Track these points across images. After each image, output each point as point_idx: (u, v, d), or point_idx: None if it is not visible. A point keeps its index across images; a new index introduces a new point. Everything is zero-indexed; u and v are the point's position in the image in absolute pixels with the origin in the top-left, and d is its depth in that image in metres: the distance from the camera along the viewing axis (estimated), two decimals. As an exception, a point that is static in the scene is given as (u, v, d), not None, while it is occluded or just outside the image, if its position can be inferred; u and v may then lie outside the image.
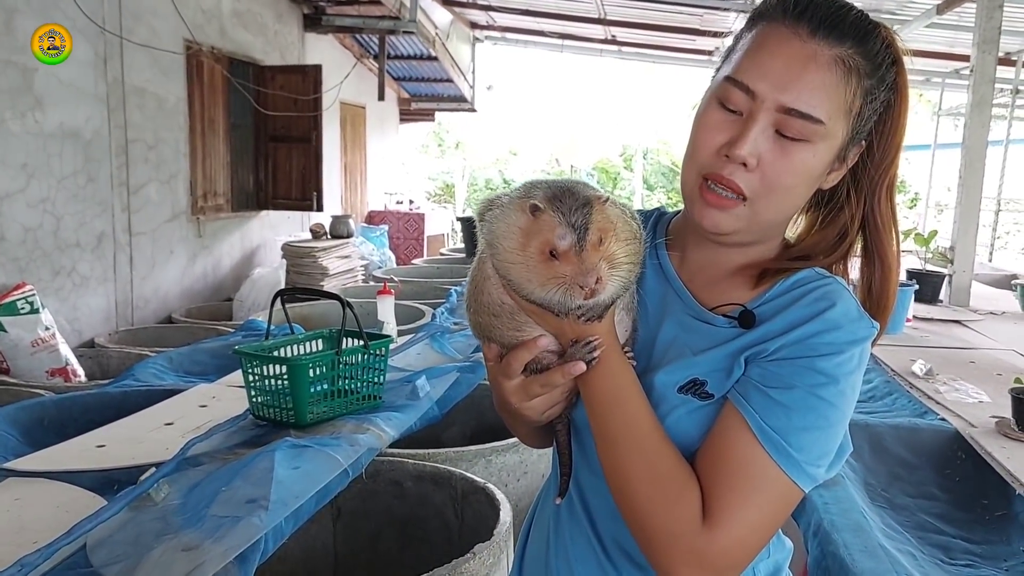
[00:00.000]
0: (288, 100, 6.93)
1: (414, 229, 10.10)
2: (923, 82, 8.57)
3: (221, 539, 1.32)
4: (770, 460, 0.84)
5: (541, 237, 0.82)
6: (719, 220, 0.90)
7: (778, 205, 0.91)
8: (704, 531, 0.83)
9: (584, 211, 0.82)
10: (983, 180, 3.93)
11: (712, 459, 0.87)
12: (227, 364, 3.02)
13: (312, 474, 1.63)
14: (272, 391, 2.01)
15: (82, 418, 2.31)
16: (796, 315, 0.89)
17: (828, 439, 0.86)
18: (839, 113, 0.87)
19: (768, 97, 0.86)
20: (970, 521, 1.84)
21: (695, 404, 0.90)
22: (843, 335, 0.87)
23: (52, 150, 4.46)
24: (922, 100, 12.60)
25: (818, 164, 0.89)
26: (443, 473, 1.82)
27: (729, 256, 0.97)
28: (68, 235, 4.62)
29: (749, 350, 0.89)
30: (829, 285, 0.91)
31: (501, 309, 0.92)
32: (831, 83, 0.86)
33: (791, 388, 0.85)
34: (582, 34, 9.26)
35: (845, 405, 0.87)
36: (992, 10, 3.76)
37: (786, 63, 0.86)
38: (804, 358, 0.86)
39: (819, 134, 0.87)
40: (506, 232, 0.85)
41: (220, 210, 6.45)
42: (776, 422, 0.85)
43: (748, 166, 0.87)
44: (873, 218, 0.96)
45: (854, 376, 0.87)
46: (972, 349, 3.04)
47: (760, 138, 0.87)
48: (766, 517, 0.85)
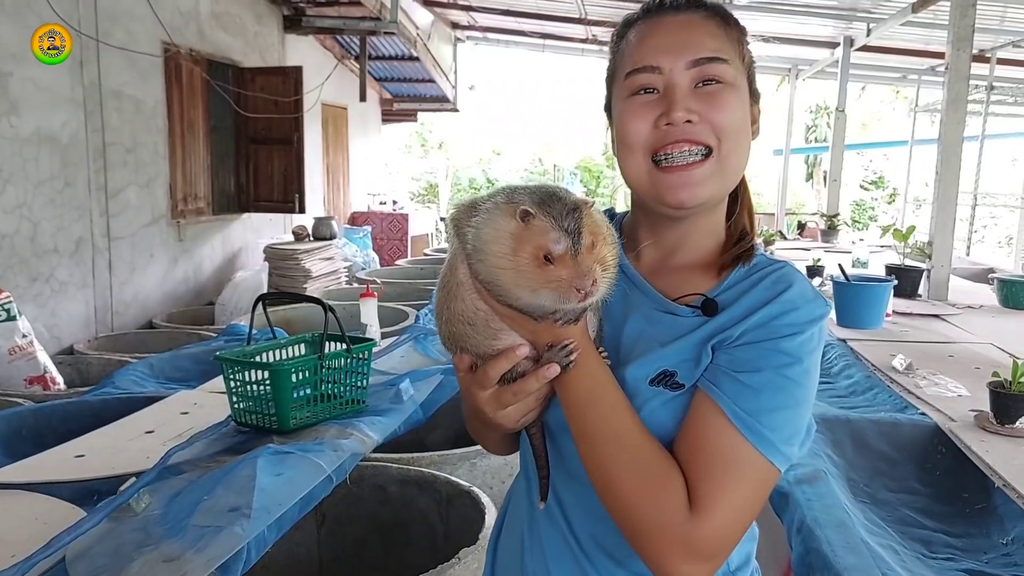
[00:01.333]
0: (269, 102, 6.89)
1: (398, 230, 10.08)
2: (900, 79, 8.66)
3: (203, 549, 1.30)
4: (746, 443, 0.86)
5: (534, 242, 0.82)
6: (692, 189, 0.94)
7: (738, 147, 0.95)
8: (691, 519, 0.84)
9: (575, 215, 0.83)
10: (959, 175, 3.97)
11: (690, 447, 0.88)
12: (209, 370, 3.00)
13: (295, 481, 1.62)
14: (254, 397, 1.99)
15: (61, 427, 2.29)
16: (756, 299, 0.93)
17: (798, 417, 0.89)
18: (734, 56, 0.96)
19: (675, 64, 0.93)
20: (951, 514, 1.86)
21: (668, 395, 0.92)
22: (802, 315, 0.91)
23: (28, 155, 4.42)
24: (899, 97, 12.72)
25: (743, 105, 0.96)
26: (427, 477, 1.81)
27: (684, 247, 1.01)
28: (45, 241, 4.58)
29: (715, 337, 0.92)
30: (782, 268, 0.96)
31: (476, 316, 0.91)
32: (716, 31, 0.95)
33: (759, 371, 0.88)
34: (563, 34, 9.27)
35: (809, 383, 0.90)
36: (966, 8, 3.80)
37: (673, 32, 0.95)
38: (768, 340, 0.89)
39: (730, 73, 0.94)
40: (494, 238, 0.84)
41: (201, 213, 6.41)
42: (748, 405, 0.87)
43: (693, 121, 0.92)
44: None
45: (815, 354, 0.91)
46: (951, 343, 3.06)
47: (688, 96, 0.93)
48: (748, 499, 0.87)
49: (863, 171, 16.65)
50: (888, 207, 15.96)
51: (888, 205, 16.04)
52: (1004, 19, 5.70)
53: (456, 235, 0.90)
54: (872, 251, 5.38)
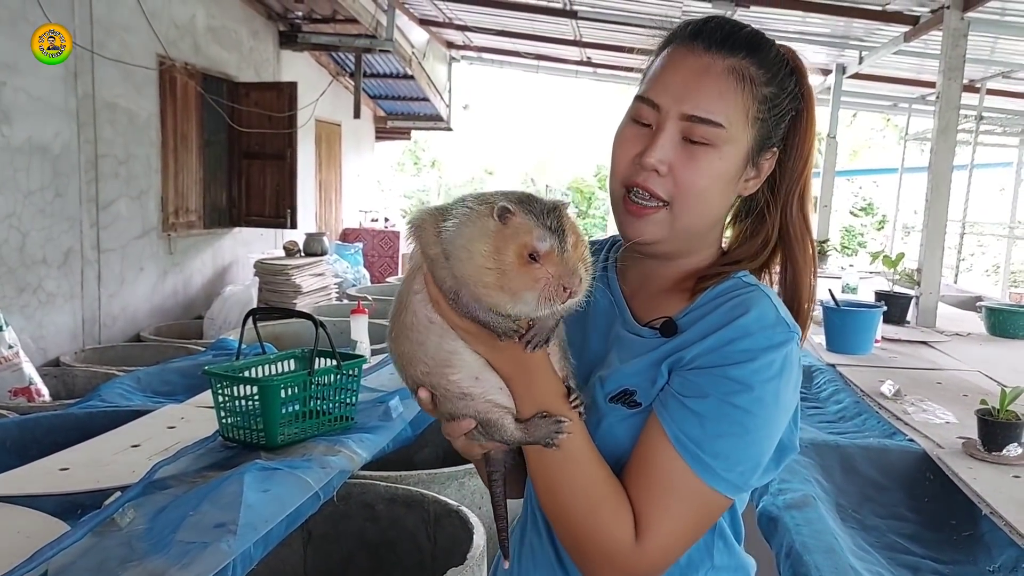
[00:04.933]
0: (263, 117, 6.89)
1: (389, 247, 10.06)
2: (891, 107, 8.75)
3: (188, 565, 1.29)
4: (687, 468, 0.87)
5: (519, 240, 0.80)
6: (640, 228, 0.95)
7: (695, 209, 0.95)
8: (635, 543, 0.87)
9: (556, 214, 0.83)
10: (948, 204, 4.01)
11: (636, 469, 0.90)
12: (197, 384, 2.98)
13: (282, 497, 1.61)
14: (242, 412, 1.98)
15: (45, 439, 2.26)
16: (711, 322, 0.92)
17: (747, 445, 0.88)
18: (739, 117, 0.93)
19: (671, 108, 0.93)
20: (939, 541, 1.86)
21: (624, 413, 0.94)
22: (756, 341, 0.89)
23: (19, 165, 4.40)
24: (889, 125, 12.85)
25: (727, 168, 0.94)
26: (415, 496, 1.80)
27: (665, 270, 1.02)
28: (34, 251, 4.55)
29: (669, 358, 0.93)
30: (750, 293, 0.94)
31: (428, 332, 0.88)
32: (726, 90, 0.92)
33: (705, 397, 0.88)
34: (557, 55, 9.33)
35: (764, 412, 0.88)
36: (957, 39, 3.85)
37: (684, 76, 0.93)
38: (718, 367, 0.89)
39: (722, 138, 0.92)
40: (474, 238, 0.81)
41: (192, 227, 6.39)
42: (691, 431, 0.88)
43: (660, 172, 0.93)
44: (785, 226, 1.02)
45: (775, 383, 0.89)
46: (939, 370, 3.08)
47: (668, 146, 0.92)
48: (688, 524, 0.89)
49: (853, 197, 16.79)
50: (877, 233, 16.06)
51: (877, 232, 16.15)
52: (994, 50, 5.78)
53: (418, 241, 0.88)
54: (861, 277, 5.41)
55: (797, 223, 1.02)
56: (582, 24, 7.09)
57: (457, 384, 0.89)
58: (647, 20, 6.16)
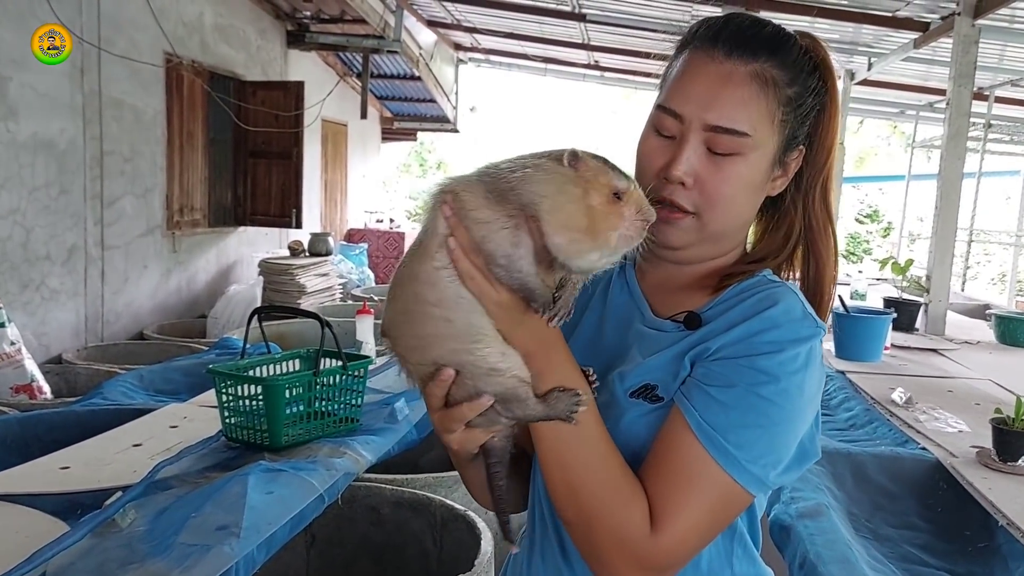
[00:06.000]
0: (269, 116, 6.88)
1: (394, 248, 10.04)
2: (898, 114, 8.71)
3: (190, 569, 1.26)
4: (709, 457, 0.85)
5: (601, 181, 0.81)
6: (668, 233, 0.93)
7: (723, 216, 0.94)
8: (649, 535, 0.83)
9: (611, 161, 0.84)
10: (959, 211, 3.98)
11: (656, 459, 0.88)
12: (200, 383, 2.95)
13: (286, 500, 1.58)
14: (246, 412, 1.96)
15: (47, 437, 2.24)
16: (738, 314, 0.90)
17: (771, 438, 0.86)
18: (764, 123, 0.91)
19: (694, 119, 0.91)
20: (953, 552, 1.83)
21: (646, 408, 0.91)
22: (784, 333, 0.88)
23: (24, 160, 4.38)
24: (896, 132, 12.82)
25: (754, 174, 0.93)
26: (422, 500, 1.77)
27: (688, 268, 1.00)
28: (38, 247, 4.53)
29: (692, 350, 0.91)
30: (776, 288, 0.93)
31: (457, 307, 0.83)
32: (749, 97, 0.90)
33: (731, 386, 0.86)
34: (565, 58, 9.31)
35: (789, 404, 0.86)
36: (968, 45, 3.82)
37: (706, 85, 0.91)
38: (744, 357, 0.87)
39: (747, 146, 0.90)
40: (557, 187, 0.81)
41: (196, 225, 6.37)
42: (715, 419, 0.85)
43: (686, 185, 0.91)
44: (808, 217, 1.00)
45: (800, 375, 0.87)
46: (950, 378, 3.04)
47: (693, 157, 0.91)
48: (707, 516, 0.86)
49: (859, 204, 16.75)
50: (883, 240, 16.02)
51: (883, 239, 16.11)
52: (1003, 58, 5.75)
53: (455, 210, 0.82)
54: (869, 283, 5.38)
55: (820, 214, 1.00)
56: (590, 28, 7.07)
57: (486, 359, 0.85)
58: (656, 24, 6.14)
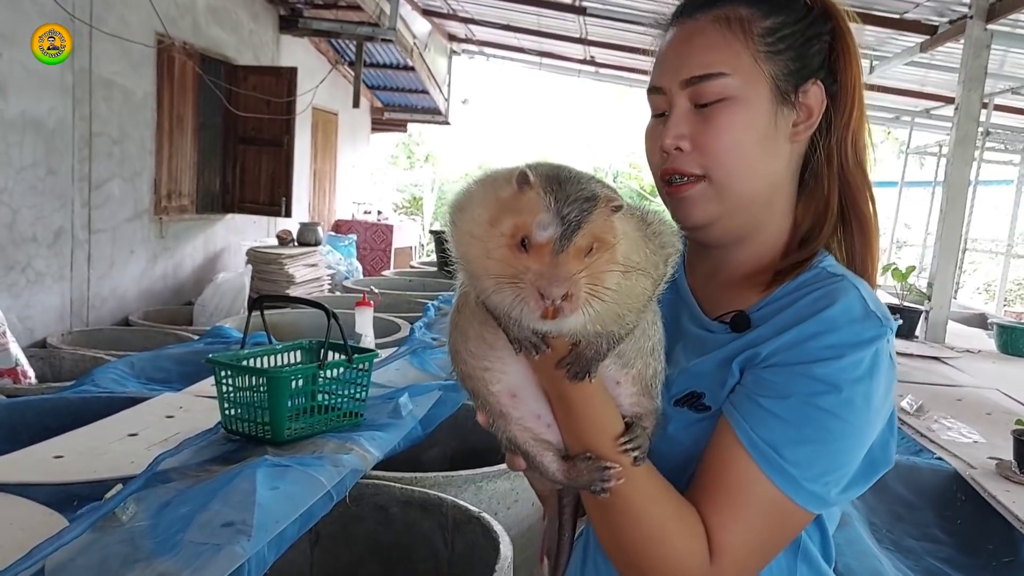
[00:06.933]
0: (260, 101, 6.76)
1: (382, 240, 9.93)
2: (893, 119, 8.72)
3: (200, 569, 1.19)
4: (763, 476, 0.78)
5: (518, 217, 0.64)
6: (687, 210, 0.88)
7: (735, 170, 0.86)
8: (710, 563, 0.78)
9: (584, 206, 0.65)
10: (964, 217, 3.96)
11: (706, 480, 0.81)
12: (192, 372, 2.87)
13: (294, 497, 1.51)
14: (247, 404, 1.88)
15: (36, 424, 2.15)
16: (792, 316, 0.82)
17: (833, 454, 0.79)
18: (742, 59, 0.85)
19: (672, 84, 0.88)
20: (977, 567, 1.78)
21: (692, 417, 0.85)
22: (843, 336, 0.79)
23: (12, 139, 4.26)
24: (889, 138, 12.85)
25: (753, 115, 0.85)
26: (432, 499, 1.70)
27: (735, 257, 0.92)
28: (24, 229, 4.40)
29: (740, 355, 0.83)
30: (836, 283, 0.84)
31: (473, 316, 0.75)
32: (717, 39, 0.86)
33: (786, 397, 0.79)
34: (561, 53, 9.26)
35: (853, 416, 0.79)
36: (979, 49, 3.80)
37: (676, 49, 0.89)
38: (800, 364, 0.79)
39: (730, 86, 0.85)
40: (479, 199, 0.68)
41: (184, 211, 6.24)
42: (769, 434, 0.78)
43: (683, 149, 0.86)
44: (843, 176, 0.91)
45: (865, 384, 0.79)
46: (957, 387, 3.01)
47: (682, 121, 0.87)
48: (764, 539, 0.80)
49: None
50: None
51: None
52: (1004, 63, 5.74)
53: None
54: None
55: (854, 171, 0.90)
56: (589, 21, 7.01)
57: (497, 397, 0.77)
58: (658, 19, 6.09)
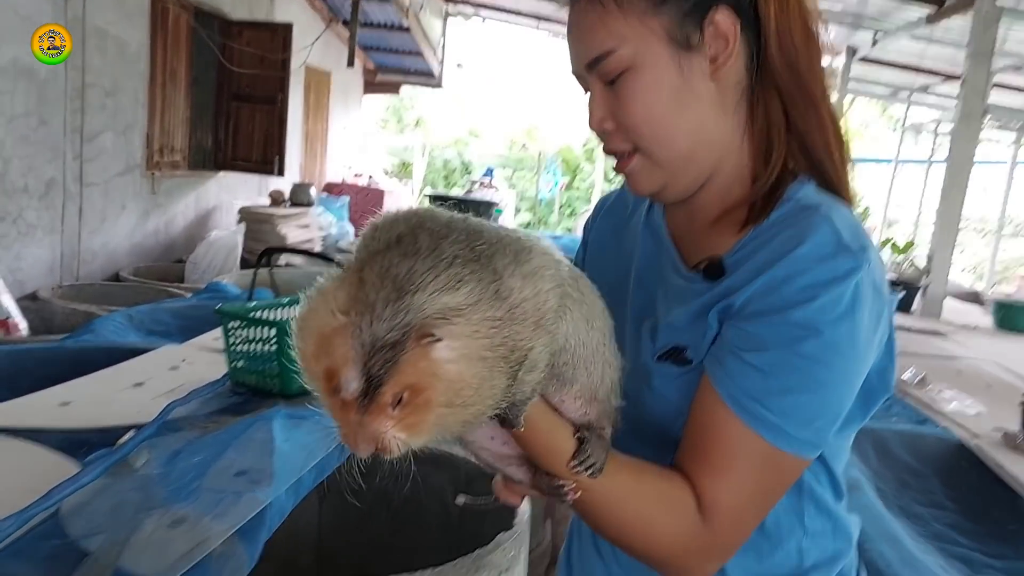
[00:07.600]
0: (255, 58, 6.64)
1: (372, 204, 9.84)
2: (890, 95, 8.70)
3: (221, 515, 1.17)
4: (749, 431, 0.75)
5: (329, 361, 0.57)
6: (634, 183, 0.88)
7: (660, 135, 0.83)
8: (703, 525, 0.76)
9: (389, 355, 0.55)
10: (966, 192, 3.96)
11: (693, 440, 0.79)
12: (192, 326, 2.84)
13: (309, 446, 1.49)
14: (257, 356, 1.86)
15: (37, 372, 2.11)
16: (763, 260, 0.78)
17: (821, 399, 0.76)
18: (626, 27, 0.81)
19: (579, 70, 0.87)
20: (983, 534, 1.80)
21: (675, 371, 0.83)
22: (816, 276, 0.74)
23: (3, 87, 4.15)
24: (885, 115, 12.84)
25: (658, 76, 0.81)
26: (444, 454, 1.69)
27: (703, 203, 0.89)
28: (16, 179, 4.32)
29: (716, 305, 0.80)
30: (807, 219, 0.78)
31: None
32: (593, 19, 0.83)
33: (766, 349, 0.75)
34: (560, 17, 9.14)
35: (838, 358, 0.75)
36: (989, 23, 3.77)
37: (570, 36, 0.87)
38: (776, 311, 0.75)
39: (624, 58, 0.81)
40: (308, 326, 0.60)
41: (176, 167, 6.15)
42: (751, 388, 0.75)
43: (608, 129, 0.86)
44: (778, 84, 0.83)
45: (847, 322, 0.74)
46: (957, 359, 3.03)
47: (598, 101, 0.85)
48: (758, 490, 0.78)
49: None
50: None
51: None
52: (1006, 40, 5.71)
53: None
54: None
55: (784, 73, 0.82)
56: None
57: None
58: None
